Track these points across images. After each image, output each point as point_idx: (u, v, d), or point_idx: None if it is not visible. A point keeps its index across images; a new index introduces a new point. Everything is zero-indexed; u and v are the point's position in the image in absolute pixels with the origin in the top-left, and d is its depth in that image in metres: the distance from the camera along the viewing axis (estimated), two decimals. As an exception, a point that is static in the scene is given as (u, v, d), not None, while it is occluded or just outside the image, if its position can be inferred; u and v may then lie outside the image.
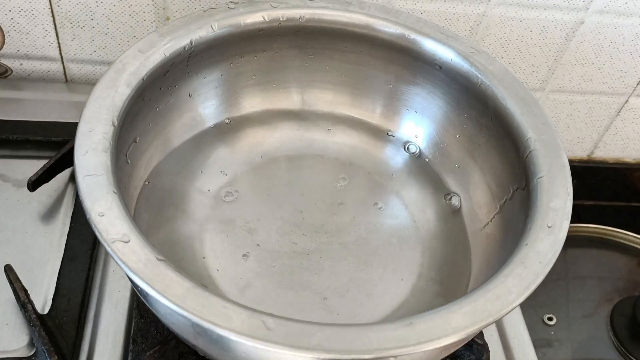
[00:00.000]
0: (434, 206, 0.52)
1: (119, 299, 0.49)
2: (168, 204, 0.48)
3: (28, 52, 0.64)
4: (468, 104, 0.51)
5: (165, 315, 0.38)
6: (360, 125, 0.56)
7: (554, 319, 0.72)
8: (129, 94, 0.43)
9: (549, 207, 0.41)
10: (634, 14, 0.65)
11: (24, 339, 0.46)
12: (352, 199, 0.51)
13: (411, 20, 0.51)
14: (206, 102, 0.53)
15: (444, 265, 0.48)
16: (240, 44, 0.51)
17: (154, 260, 0.34)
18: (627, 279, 0.77)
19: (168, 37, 0.46)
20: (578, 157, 0.81)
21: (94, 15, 0.61)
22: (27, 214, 0.53)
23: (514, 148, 0.46)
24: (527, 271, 0.37)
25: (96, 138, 0.39)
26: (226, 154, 0.52)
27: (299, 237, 0.48)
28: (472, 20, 0.64)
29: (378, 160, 0.54)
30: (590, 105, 0.74)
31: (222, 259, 0.45)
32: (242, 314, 0.33)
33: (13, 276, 0.47)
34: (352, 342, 0.33)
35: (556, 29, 0.66)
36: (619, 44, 0.68)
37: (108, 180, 0.37)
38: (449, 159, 0.53)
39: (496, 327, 0.53)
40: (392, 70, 0.54)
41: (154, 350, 0.44)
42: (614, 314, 0.72)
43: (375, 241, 0.48)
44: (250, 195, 0.50)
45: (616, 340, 0.70)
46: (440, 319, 0.34)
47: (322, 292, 0.45)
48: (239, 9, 0.50)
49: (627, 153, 0.81)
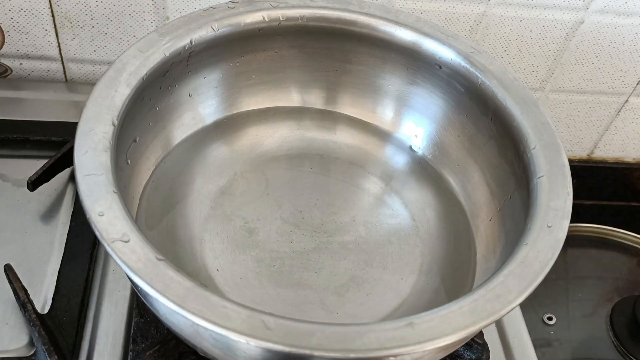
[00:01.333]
0: (434, 205, 0.52)
1: (119, 298, 0.49)
2: (168, 203, 0.48)
3: (28, 51, 0.64)
4: (468, 103, 0.51)
5: (165, 315, 0.38)
6: (360, 125, 0.56)
7: (553, 318, 0.72)
8: (129, 93, 0.43)
9: (549, 207, 0.41)
10: (633, 13, 0.65)
11: (23, 339, 0.46)
12: (351, 198, 0.51)
13: (411, 20, 0.51)
14: (206, 101, 0.53)
15: (443, 264, 0.48)
16: (240, 44, 0.51)
17: (154, 260, 0.34)
18: (626, 278, 0.77)
19: (168, 37, 0.46)
20: (578, 157, 0.81)
21: (93, 14, 0.61)
22: (27, 214, 0.53)
23: (513, 148, 0.46)
24: (527, 271, 0.37)
25: (96, 138, 0.39)
26: (226, 154, 0.52)
27: (298, 236, 0.48)
28: (472, 20, 0.64)
29: (378, 160, 0.54)
30: (590, 105, 0.74)
31: (222, 259, 0.45)
32: (241, 314, 0.33)
33: (13, 276, 0.47)
34: (352, 342, 0.33)
35: (556, 29, 0.66)
36: (619, 43, 0.68)
37: (108, 180, 0.37)
38: (448, 159, 0.53)
39: (496, 326, 0.53)
40: (392, 70, 0.54)
41: (154, 350, 0.44)
42: (614, 313, 0.72)
43: (375, 241, 0.48)
44: (250, 195, 0.50)
45: (616, 340, 0.70)
46: (440, 319, 0.34)
47: (322, 291, 0.45)
48: (239, 9, 0.50)
49: (627, 153, 0.81)
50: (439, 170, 0.54)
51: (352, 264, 0.47)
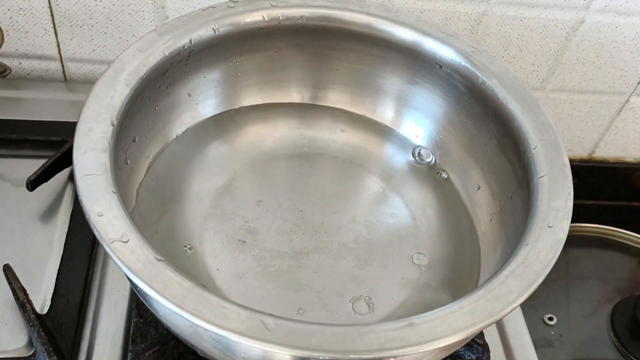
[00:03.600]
0: (435, 205, 0.51)
1: (118, 299, 0.49)
2: (167, 203, 0.48)
3: (27, 51, 0.64)
4: (468, 103, 0.51)
5: (164, 315, 0.38)
6: (360, 124, 0.56)
7: (554, 318, 0.72)
8: (128, 93, 0.43)
9: (550, 207, 0.41)
10: (634, 13, 0.65)
11: (22, 339, 0.45)
12: (351, 197, 0.51)
13: (411, 19, 0.51)
14: (205, 101, 0.53)
15: (444, 264, 0.48)
16: (240, 43, 0.51)
17: (153, 260, 0.34)
18: (627, 278, 0.77)
19: (167, 36, 0.46)
20: (579, 157, 0.80)
21: (93, 14, 0.61)
22: (26, 214, 0.53)
23: (514, 147, 0.46)
24: (527, 271, 0.37)
25: (95, 137, 0.39)
26: (226, 153, 0.52)
27: (298, 236, 0.48)
28: (472, 19, 0.64)
29: (378, 159, 0.54)
30: (590, 105, 0.74)
31: (222, 259, 0.45)
32: (241, 314, 0.33)
33: (12, 276, 0.47)
34: (352, 343, 0.32)
35: (557, 28, 0.66)
36: (620, 43, 0.68)
37: (107, 180, 0.37)
38: (449, 158, 0.53)
39: (497, 327, 0.53)
40: (392, 69, 0.54)
41: (153, 350, 0.43)
42: (615, 313, 0.72)
43: (375, 240, 0.48)
44: (249, 194, 0.50)
45: (617, 340, 0.70)
46: (441, 319, 0.34)
47: (322, 291, 0.45)
48: (239, 8, 0.49)
49: (628, 152, 0.81)
50: (439, 169, 0.54)
51: (352, 263, 0.47)
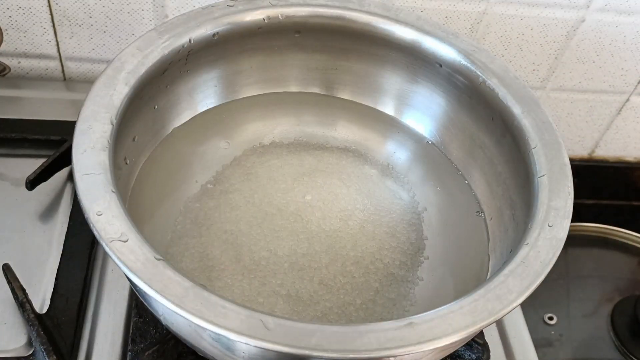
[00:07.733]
0: (435, 204, 0.51)
1: (118, 298, 0.49)
2: (166, 202, 0.48)
3: (26, 50, 0.64)
4: (468, 102, 0.51)
5: (164, 314, 0.38)
6: (360, 123, 0.56)
7: (554, 318, 0.72)
8: (128, 92, 0.43)
9: (550, 206, 0.41)
10: (635, 12, 0.65)
11: (22, 339, 0.45)
12: (352, 195, 0.51)
13: (411, 18, 0.51)
14: (205, 100, 0.53)
15: (445, 262, 0.48)
16: (240, 42, 0.51)
17: (153, 260, 0.34)
18: (628, 278, 0.77)
19: (167, 35, 0.46)
20: (579, 156, 0.80)
21: (92, 13, 0.61)
22: (25, 213, 0.53)
23: (514, 147, 0.46)
24: (527, 271, 0.37)
25: (94, 137, 0.39)
26: (226, 152, 0.52)
27: (298, 235, 0.48)
28: (472, 18, 0.64)
29: (378, 158, 0.54)
30: (591, 104, 0.74)
31: (221, 258, 0.45)
32: (240, 314, 0.32)
33: (11, 275, 0.47)
34: (352, 342, 0.32)
35: (557, 27, 0.66)
36: (620, 42, 0.68)
37: (106, 179, 0.37)
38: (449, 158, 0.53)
39: (496, 326, 0.53)
40: (392, 68, 0.54)
41: (153, 350, 0.43)
42: (615, 313, 0.71)
43: (377, 236, 0.48)
44: (250, 191, 0.50)
45: (617, 340, 0.70)
46: (441, 319, 0.34)
47: (322, 290, 0.45)
48: (238, 7, 0.49)
49: (628, 152, 0.81)
50: (439, 169, 0.53)
51: (353, 260, 0.46)
